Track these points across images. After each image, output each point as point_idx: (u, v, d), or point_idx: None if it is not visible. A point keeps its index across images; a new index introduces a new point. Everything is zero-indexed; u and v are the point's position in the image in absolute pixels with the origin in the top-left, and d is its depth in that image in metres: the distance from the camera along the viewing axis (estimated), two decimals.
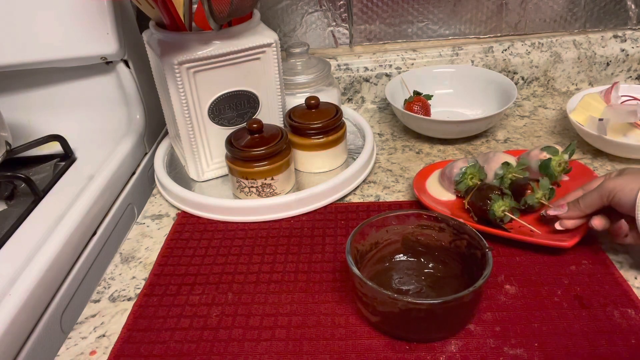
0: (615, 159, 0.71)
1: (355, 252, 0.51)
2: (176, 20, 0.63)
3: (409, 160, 0.75)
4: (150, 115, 0.82)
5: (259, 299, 0.53)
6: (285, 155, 0.65)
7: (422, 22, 0.90)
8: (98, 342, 0.50)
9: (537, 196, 0.58)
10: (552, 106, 0.87)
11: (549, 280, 0.52)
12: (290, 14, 0.89)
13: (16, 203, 0.67)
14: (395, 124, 0.86)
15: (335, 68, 0.90)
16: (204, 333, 0.50)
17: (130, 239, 0.64)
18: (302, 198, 0.65)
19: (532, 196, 0.59)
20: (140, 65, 0.80)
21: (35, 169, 0.75)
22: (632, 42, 0.88)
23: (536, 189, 0.59)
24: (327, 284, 0.54)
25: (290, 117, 0.69)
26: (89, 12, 0.71)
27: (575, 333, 0.47)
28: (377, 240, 0.54)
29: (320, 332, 0.49)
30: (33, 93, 0.81)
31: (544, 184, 0.59)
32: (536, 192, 0.59)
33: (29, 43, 0.73)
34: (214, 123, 0.67)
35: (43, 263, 0.55)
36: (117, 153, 0.74)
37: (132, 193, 0.74)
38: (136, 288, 0.57)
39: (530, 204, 0.59)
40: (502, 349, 0.46)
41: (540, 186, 0.59)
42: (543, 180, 0.59)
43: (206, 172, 0.71)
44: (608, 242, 0.57)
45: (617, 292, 0.50)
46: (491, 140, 0.79)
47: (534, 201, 0.59)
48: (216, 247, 0.61)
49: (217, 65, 0.63)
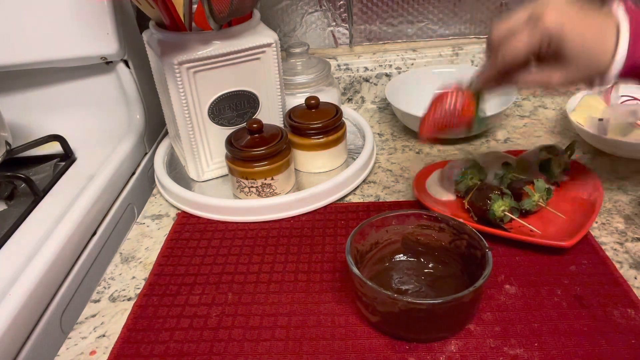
0: (615, 159, 0.71)
1: (355, 252, 0.51)
2: (176, 20, 0.63)
3: (409, 160, 0.75)
4: (150, 115, 0.82)
5: (259, 299, 0.53)
6: (285, 155, 0.65)
7: (422, 22, 0.90)
8: (98, 342, 0.50)
9: (534, 199, 0.58)
10: (552, 106, 0.87)
11: (549, 280, 0.52)
12: (290, 14, 0.89)
13: (16, 203, 0.67)
14: (395, 124, 0.86)
15: (335, 68, 0.90)
16: (204, 333, 0.50)
17: (130, 239, 0.64)
18: (302, 198, 0.65)
19: (530, 200, 0.58)
20: (140, 65, 0.80)
21: (35, 169, 0.75)
22: None
23: (532, 192, 0.58)
24: (327, 284, 0.54)
25: (290, 117, 0.69)
26: (89, 12, 0.71)
27: (575, 333, 0.47)
28: (377, 240, 0.54)
29: (320, 332, 0.49)
30: (33, 93, 0.81)
31: (540, 186, 0.58)
32: (532, 196, 0.58)
33: (29, 43, 0.73)
34: (214, 123, 0.68)
35: (43, 263, 0.55)
36: (117, 153, 0.74)
37: (132, 193, 0.74)
38: (136, 288, 0.57)
39: (528, 209, 0.58)
40: (502, 349, 0.46)
41: (535, 189, 0.58)
42: (538, 183, 0.58)
43: (206, 172, 0.71)
44: (608, 242, 0.57)
45: (617, 292, 0.50)
46: (491, 140, 0.79)
47: (532, 205, 0.58)
48: (216, 247, 0.61)
49: (217, 65, 0.63)
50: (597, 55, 0.41)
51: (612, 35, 0.41)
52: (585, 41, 0.40)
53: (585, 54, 0.40)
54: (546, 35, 0.40)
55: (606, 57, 0.41)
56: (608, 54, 0.41)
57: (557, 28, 0.40)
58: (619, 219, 0.60)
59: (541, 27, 0.40)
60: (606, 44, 0.41)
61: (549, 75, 0.41)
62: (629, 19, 0.41)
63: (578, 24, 0.40)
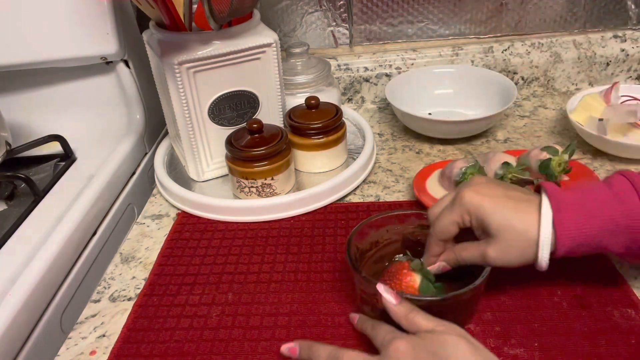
0: (615, 159, 0.71)
1: (356, 251, 0.51)
2: (176, 20, 0.63)
3: (409, 160, 0.75)
4: (150, 115, 0.82)
5: (259, 299, 0.53)
6: (285, 155, 0.65)
7: (422, 22, 0.90)
8: (98, 342, 0.50)
9: None
10: (552, 106, 0.87)
11: (549, 280, 0.52)
12: (290, 14, 0.89)
13: (16, 203, 0.67)
14: (395, 124, 0.86)
15: (335, 68, 0.90)
16: (204, 333, 0.50)
17: (130, 239, 0.64)
18: (302, 198, 0.65)
19: None
20: (140, 65, 0.80)
21: (35, 169, 0.75)
22: (632, 42, 0.88)
23: None
24: (327, 284, 0.54)
25: (290, 117, 0.69)
26: (89, 12, 0.71)
27: (575, 333, 0.47)
28: (377, 239, 0.54)
29: (320, 332, 0.49)
30: (33, 93, 0.81)
31: None
32: None
33: (29, 43, 0.73)
34: (214, 123, 0.68)
35: (43, 263, 0.55)
36: (117, 153, 0.74)
37: (132, 193, 0.74)
38: (136, 288, 0.57)
39: None
40: (502, 349, 0.46)
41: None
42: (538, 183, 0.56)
43: (206, 172, 0.71)
44: None
45: (617, 292, 0.50)
46: (491, 140, 0.79)
47: None
48: (216, 247, 0.61)
49: (217, 65, 0.63)
50: (523, 236, 0.43)
51: (534, 224, 0.43)
52: (508, 220, 0.43)
53: (510, 232, 0.43)
54: (465, 212, 0.45)
55: (532, 243, 0.43)
56: (532, 240, 0.43)
57: (475, 206, 0.44)
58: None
59: (459, 204, 0.45)
60: (529, 230, 0.43)
61: (484, 249, 0.44)
62: (553, 205, 0.43)
63: (499, 204, 0.44)
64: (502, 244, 0.43)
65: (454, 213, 0.46)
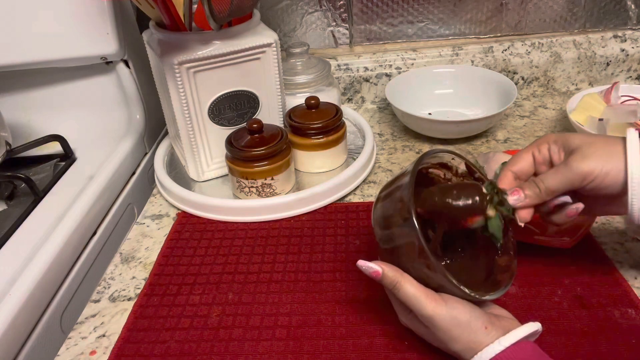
0: None
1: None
2: (176, 20, 0.63)
3: (409, 160, 0.75)
4: (150, 115, 0.82)
5: (259, 299, 0.53)
6: (285, 155, 0.65)
7: (422, 22, 0.90)
8: (98, 342, 0.50)
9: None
10: (552, 106, 0.87)
11: (549, 280, 0.52)
12: (290, 14, 0.89)
13: (16, 203, 0.67)
14: (395, 124, 0.86)
15: (335, 68, 0.90)
16: (204, 333, 0.50)
17: (130, 239, 0.64)
18: (302, 198, 0.65)
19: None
20: (140, 65, 0.80)
21: (35, 169, 0.75)
22: (632, 42, 0.88)
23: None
24: (327, 284, 0.54)
25: (290, 117, 0.69)
26: (89, 12, 0.71)
27: (575, 333, 0.47)
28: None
29: (320, 332, 0.49)
30: (33, 93, 0.81)
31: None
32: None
33: (29, 43, 0.73)
34: (214, 123, 0.68)
35: (43, 263, 0.55)
36: (117, 153, 0.74)
37: (132, 193, 0.74)
38: (136, 288, 0.57)
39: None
40: None
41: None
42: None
43: (206, 172, 0.71)
44: (608, 242, 0.57)
45: (617, 292, 0.50)
46: (491, 140, 0.79)
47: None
48: (216, 247, 0.61)
49: (217, 65, 0.63)
50: (609, 142, 0.44)
51: (618, 140, 0.44)
52: (593, 137, 0.44)
53: (595, 142, 0.44)
54: (543, 141, 0.46)
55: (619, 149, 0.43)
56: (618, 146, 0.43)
57: (557, 135, 0.46)
58: (619, 219, 0.60)
59: (537, 142, 0.47)
60: (616, 142, 0.44)
61: (568, 161, 0.44)
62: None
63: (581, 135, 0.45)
64: (585, 150, 0.43)
65: (529, 146, 0.47)
